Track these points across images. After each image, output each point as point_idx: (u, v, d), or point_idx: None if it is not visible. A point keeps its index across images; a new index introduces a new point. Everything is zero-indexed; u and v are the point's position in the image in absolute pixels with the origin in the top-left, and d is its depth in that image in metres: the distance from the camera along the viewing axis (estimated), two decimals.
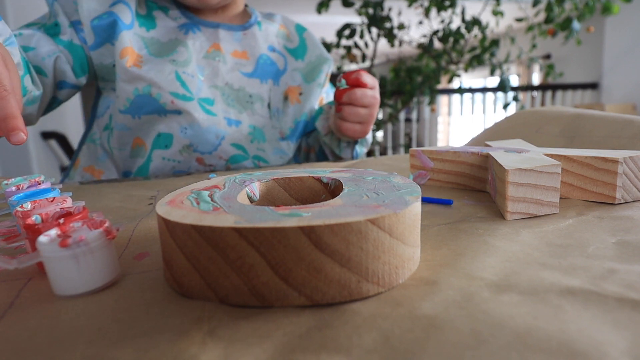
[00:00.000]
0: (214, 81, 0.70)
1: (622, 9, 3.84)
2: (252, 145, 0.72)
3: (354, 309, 0.20)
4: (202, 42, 0.70)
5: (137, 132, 0.68)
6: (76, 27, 0.64)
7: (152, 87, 0.64)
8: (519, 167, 0.32)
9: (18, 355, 0.18)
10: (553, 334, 0.18)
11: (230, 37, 0.73)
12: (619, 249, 0.26)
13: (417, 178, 0.47)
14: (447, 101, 6.31)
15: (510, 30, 3.40)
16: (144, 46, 0.67)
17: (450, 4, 2.82)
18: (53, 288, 0.23)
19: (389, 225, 0.22)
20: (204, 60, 0.69)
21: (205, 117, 0.67)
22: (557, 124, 0.56)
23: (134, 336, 0.19)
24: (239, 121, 0.71)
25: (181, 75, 0.66)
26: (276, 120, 0.75)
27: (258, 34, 0.76)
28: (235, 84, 0.72)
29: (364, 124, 0.66)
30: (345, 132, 0.66)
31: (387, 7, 3.17)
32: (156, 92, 0.64)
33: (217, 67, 0.70)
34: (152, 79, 0.64)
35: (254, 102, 0.73)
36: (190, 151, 0.68)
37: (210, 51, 0.70)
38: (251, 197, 0.30)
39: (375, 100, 0.65)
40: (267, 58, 0.76)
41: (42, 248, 0.22)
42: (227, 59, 0.72)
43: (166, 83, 0.64)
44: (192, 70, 0.67)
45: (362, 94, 0.63)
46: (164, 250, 0.23)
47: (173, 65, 0.65)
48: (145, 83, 0.64)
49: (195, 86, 0.67)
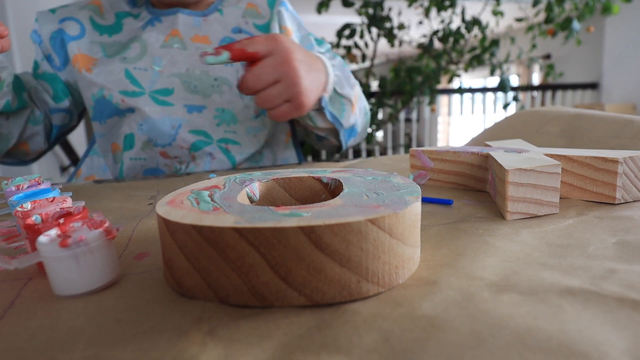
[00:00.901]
0: (172, 70, 0.68)
1: (622, 9, 3.84)
2: (218, 129, 0.70)
3: (354, 309, 0.20)
4: (158, 32, 0.69)
5: (111, 138, 0.71)
6: (48, 58, 0.71)
7: (104, 90, 0.66)
8: (519, 167, 0.32)
9: (18, 355, 0.18)
10: (553, 334, 0.18)
11: (189, 22, 0.71)
12: (619, 249, 0.26)
13: (417, 178, 0.47)
14: (447, 101, 6.31)
15: (510, 30, 3.40)
16: (101, 50, 0.68)
17: (450, 4, 2.82)
18: (53, 288, 0.23)
19: (389, 225, 0.22)
20: (162, 50, 0.68)
21: (158, 109, 0.67)
22: (557, 124, 0.56)
23: (134, 336, 0.19)
24: (202, 106, 0.69)
25: (131, 72, 0.66)
26: (249, 98, 0.71)
27: (219, 19, 0.73)
28: (197, 70, 0.69)
29: (291, 101, 0.52)
30: (278, 119, 0.54)
31: (387, 7, 3.16)
32: (108, 93, 0.66)
33: (176, 55, 0.69)
34: (102, 81, 0.66)
35: (220, 85, 0.70)
36: (150, 146, 0.69)
37: (167, 39, 0.69)
38: (251, 197, 0.30)
39: (283, 66, 0.50)
40: (231, 40, 0.72)
41: (42, 248, 0.22)
42: (187, 44, 0.70)
43: (115, 83, 0.66)
44: (146, 63, 0.67)
45: (258, 73, 0.49)
46: (164, 250, 0.23)
47: (123, 63, 0.66)
48: (97, 87, 0.67)
49: (149, 79, 0.67)
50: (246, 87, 0.51)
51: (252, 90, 0.51)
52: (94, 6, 0.71)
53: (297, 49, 0.53)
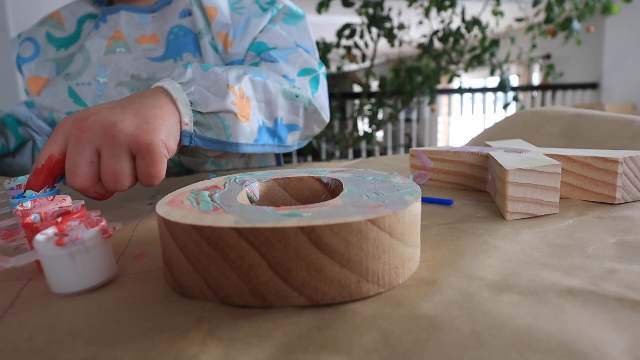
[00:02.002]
0: (118, 78, 0.63)
1: (622, 9, 3.83)
2: None
3: (354, 309, 0.20)
4: (101, 37, 0.64)
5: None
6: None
7: (53, 113, 0.64)
8: (519, 167, 0.32)
9: (18, 355, 0.18)
10: (553, 334, 0.18)
11: (134, 22, 0.64)
12: (619, 249, 0.26)
13: (417, 178, 0.47)
14: (447, 101, 6.31)
15: (510, 30, 3.39)
16: (55, 67, 0.65)
17: (450, 4, 2.82)
18: (50, 286, 0.23)
19: (389, 225, 0.22)
20: (105, 57, 0.63)
21: None
22: (557, 124, 0.56)
23: (134, 336, 0.19)
24: None
25: (75, 89, 0.62)
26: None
27: (167, 10, 0.65)
28: (143, 74, 0.63)
29: (138, 156, 0.34)
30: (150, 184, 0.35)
31: (387, 7, 3.16)
32: (57, 116, 0.64)
33: (120, 61, 0.63)
34: (49, 104, 0.63)
35: None
36: None
37: (110, 44, 0.63)
38: (251, 197, 0.30)
39: (84, 137, 0.33)
40: (179, 29, 0.64)
41: (38, 246, 0.23)
42: (132, 47, 0.63)
43: (61, 104, 0.63)
44: (89, 76, 0.63)
45: (70, 165, 0.33)
46: (164, 250, 0.23)
47: (66, 81, 0.63)
48: (47, 110, 0.64)
49: (93, 94, 0.62)
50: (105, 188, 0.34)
51: (106, 184, 0.33)
52: (51, 20, 0.67)
53: (88, 111, 0.35)
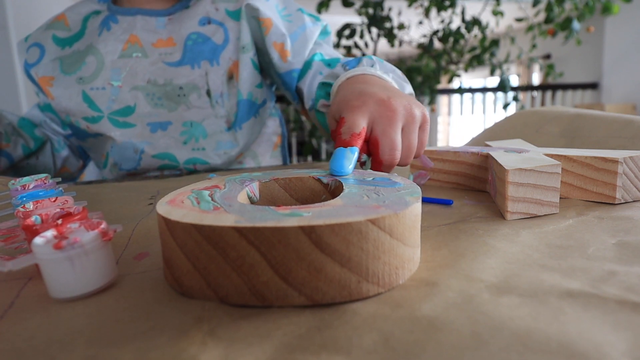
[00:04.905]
0: (133, 83, 0.62)
1: (622, 9, 3.83)
2: (184, 148, 0.64)
3: (354, 309, 0.20)
4: (115, 39, 0.62)
5: (98, 151, 0.68)
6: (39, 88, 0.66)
7: (70, 116, 0.63)
8: (519, 167, 0.32)
9: (18, 355, 0.18)
10: (553, 335, 0.18)
11: (151, 26, 0.63)
12: (619, 250, 0.26)
13: (417, 178, 0.47)
14: (447, 101, 6.30)
15: (510, 30, 3.39)
16: (59, 65, 0.63)
17: (450, 4, 2.82)
18: (49, 291, 0.23)
19: (389, 226, 0.22)
20: (120, 61, 0.62)
21: (119, 133, 0.62)
22: (557, 124, 0.56)
23: (134, 336, 0.19)
24: (167, 122, 0.63)
25: (89, 93, 0.61)
26: (220, 107, 0.63)
27: (184, 14, 0.64)
28: (160, 79, 0.62)
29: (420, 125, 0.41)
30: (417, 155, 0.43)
31: (387, 7, 3.16)
32: (74, 120, 0.63)
33: (136, 65, 0.62)
34: (65, 107, 0.62)
35: (187, 94, 0.62)
36: (116, 169, 0.66)
37: (126, 48, 0.62)
38: (251, 197, 0.30)
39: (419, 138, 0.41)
40: (198, 36, 0.62)
41: (36, 250, 0.22)
42: (148, 52, 0.62)
43: (76, 109, 0.62)
44: (103, 80, 0.61)
45: (390, 142, 0.38)
46: (164, 250, 0.23)
47: (79, 85, 0.62)
48: (64, 113, 0.64)
49: (107, 99, 0.61)
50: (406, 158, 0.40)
51: (403, 156, 0.40)
52: (57, 23, 0.66)
53: (377, 94, 0.39)
